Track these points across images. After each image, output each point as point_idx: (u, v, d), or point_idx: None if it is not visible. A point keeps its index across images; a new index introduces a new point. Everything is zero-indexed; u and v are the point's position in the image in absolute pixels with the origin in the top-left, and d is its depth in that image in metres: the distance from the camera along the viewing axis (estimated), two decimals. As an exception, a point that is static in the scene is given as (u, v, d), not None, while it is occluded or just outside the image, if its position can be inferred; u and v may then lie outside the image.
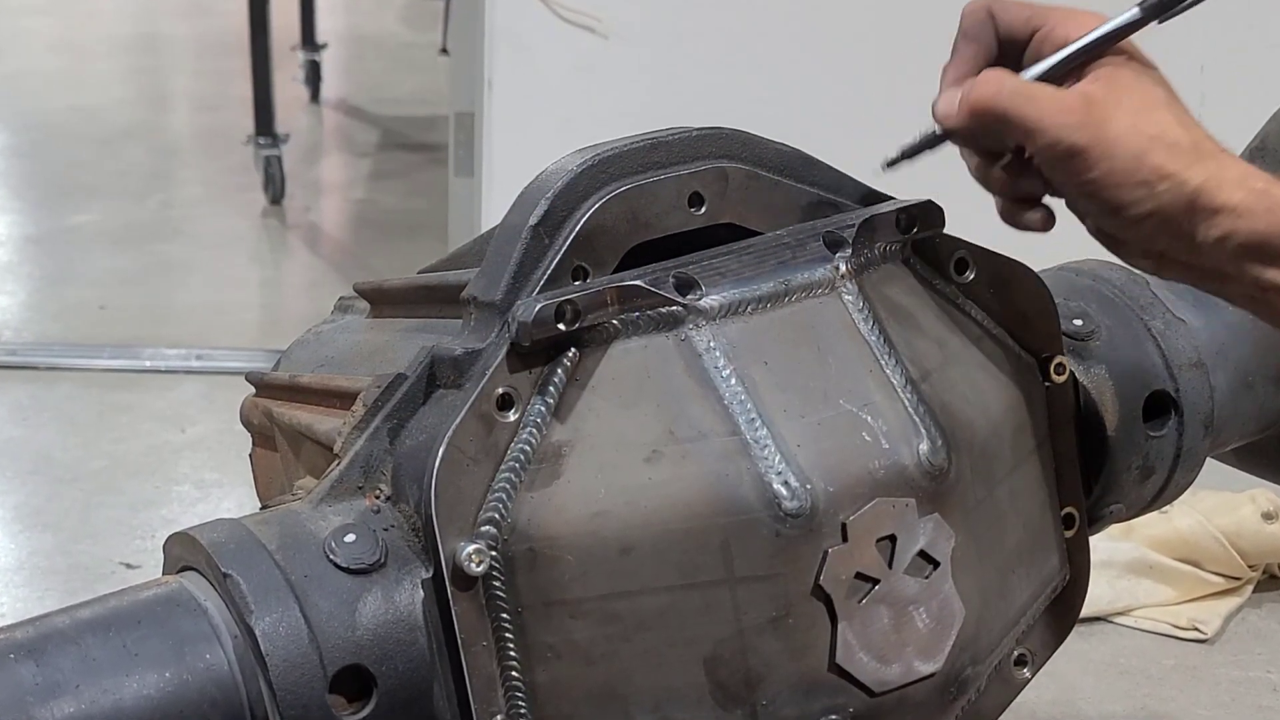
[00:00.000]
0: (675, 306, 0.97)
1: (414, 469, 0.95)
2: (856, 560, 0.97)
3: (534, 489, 0.94)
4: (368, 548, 0.93)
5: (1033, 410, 1.10)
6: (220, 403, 3.26)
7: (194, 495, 2.96)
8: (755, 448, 0.95)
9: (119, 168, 5.04)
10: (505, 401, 0.95)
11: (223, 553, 0.93)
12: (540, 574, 0.93)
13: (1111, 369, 1.17)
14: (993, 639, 1.06)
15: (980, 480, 1.04)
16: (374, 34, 7.19)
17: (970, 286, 1.09)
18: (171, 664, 0.90)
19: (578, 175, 0.99)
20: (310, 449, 1.08)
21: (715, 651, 0.95)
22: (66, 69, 6.34)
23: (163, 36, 7.15)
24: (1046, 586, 1.12)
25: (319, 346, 1.23)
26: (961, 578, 1.01)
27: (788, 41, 2.78)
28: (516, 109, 2.79)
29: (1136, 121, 0.99)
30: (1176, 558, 2.57)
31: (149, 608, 0.93)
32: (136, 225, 4.47)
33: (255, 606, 0.91)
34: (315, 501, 0.97)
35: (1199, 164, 0.98)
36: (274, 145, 4.62)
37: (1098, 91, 1.00)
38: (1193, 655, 2.47)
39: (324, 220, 4.77)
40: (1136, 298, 1.22)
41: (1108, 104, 0.99)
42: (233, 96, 5.64)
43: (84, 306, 3.85)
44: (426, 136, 5.43)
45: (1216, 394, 1.21)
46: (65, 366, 3.49)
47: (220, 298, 3.96)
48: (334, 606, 0.92)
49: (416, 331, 1.12)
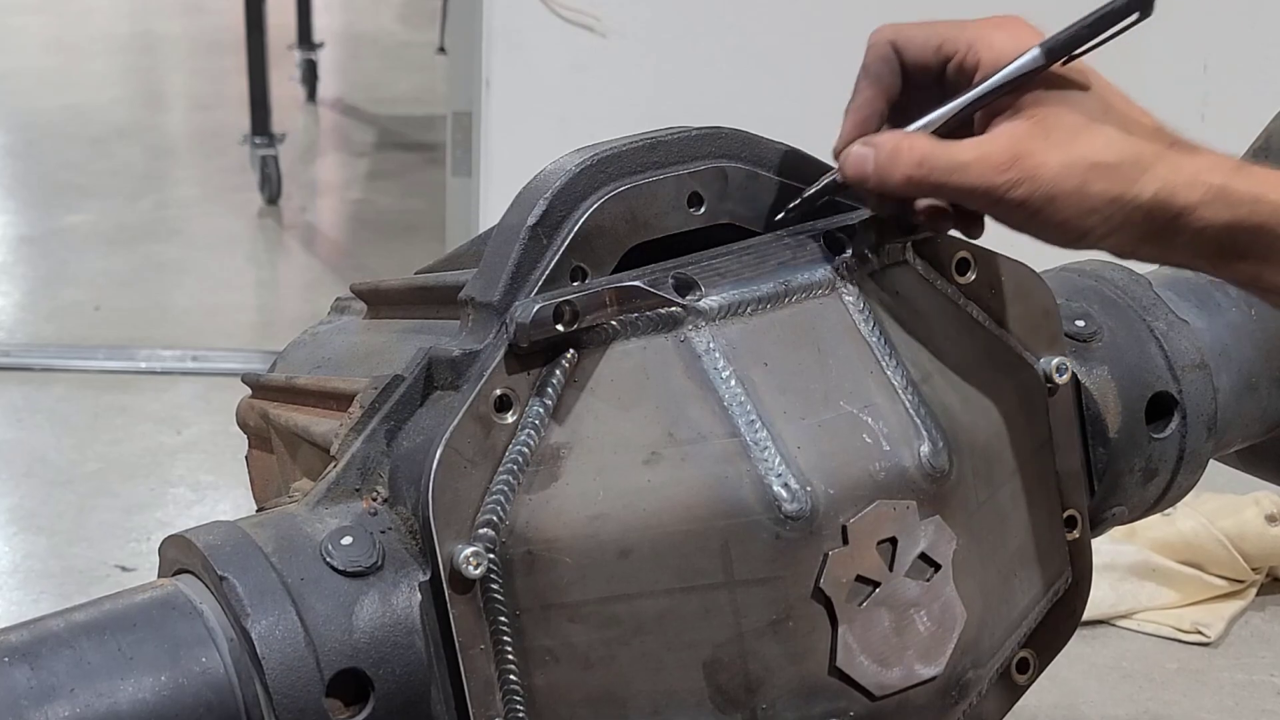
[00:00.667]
0: (674, 307, 0.97)
1: (411, 471, 0.95)
2: (857, 563, 0.97)
3: (532, 491, 0.94)
4: (365, 550, 0.93)
5: (1035, 412, 1.10)
6: (216, 404, 3.27)
7: (189, 498, 2.96)
8: (755, 450, 0.95)
9: (113, 167, 5.04)
10: (503, 403, 0.95)
11: (218, 555, 0.93)
12: (538, 577, 0.93)
13: (1114, 370, 1.17)
14: (995, 642, 1.06)
15: (982, 482, 1.04)
16: (371, 32, 7.19)
17: (972, 287, 1.09)
18: (167, 667, 0.90)
19: (576, 175, 0.99)
20: (307, 451, 1.08)
21: (715, 655, 0.95)
22: (60, 68, 6.34)
23: (157, 35, 7.15)
24: (1049, 589, 1.12)
25: (315, 348, 1.23)
26: (963, 580, 1.01)
27: (788, 39, 2.78)
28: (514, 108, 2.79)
29: (1070, 154, 0.96)
30: (1179, 560, 2.58)
31: (144, 611, 0.93)
32: (131, 225, 4.47)
33: (251, 609, 0.91)
34: (312, 504, 0.97)
35: (1148, 174, 0.96)
36: (270, 145, 4.63)
37: (1023, 134, 0.97)
38: (1196, 659, 2.47)
39: (320, 220, 4.78)
40: (1139, 298, 1.22)
41: (1035, 147, 0.96)
42: (228, 95, 5.64)
43: (78, 307, 3.85)
44: (424, 136, 5.44)
45: (1220, 395, 1.21)
46: (59, 368, 3.49)
47: (216, 299, 3.96)
48: (331, 609, 0.92)
49: (414, 333, 1.12)
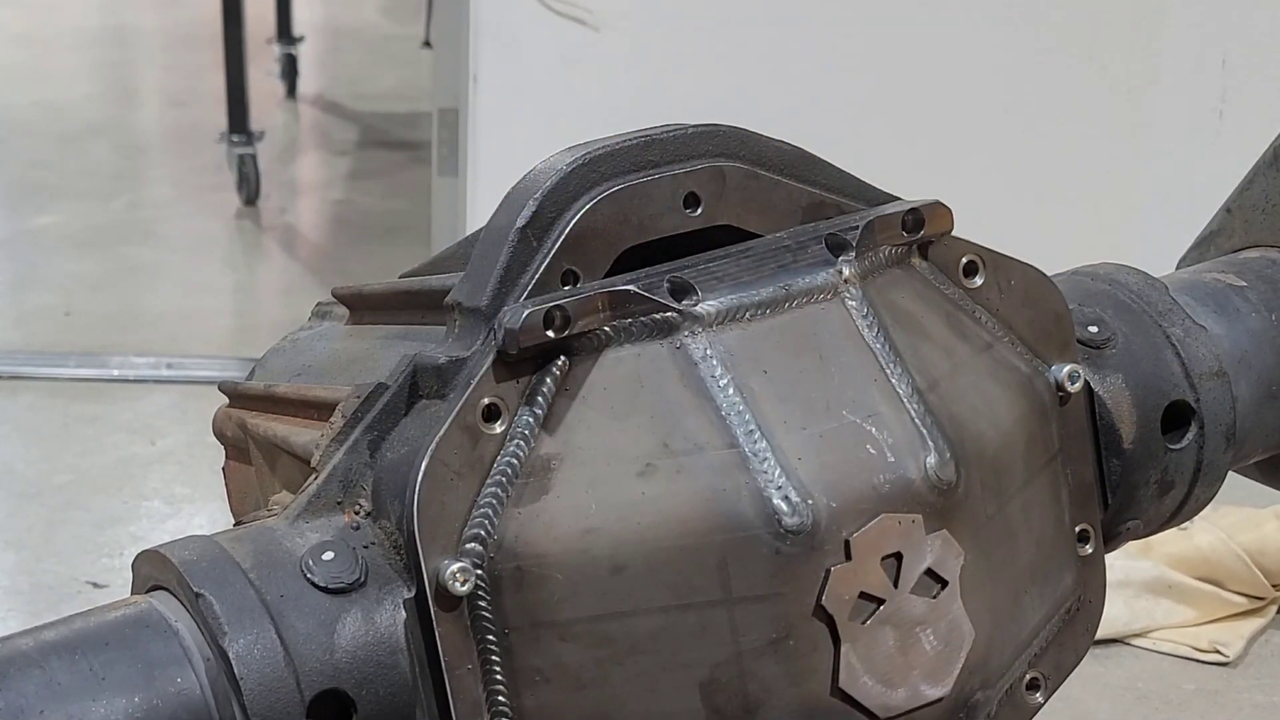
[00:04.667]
0: (670, 313, 0.97)
1: (395, 483, 0.95)
2: (860, 579, 0.97)
3: (521, 504, 0.94)
4: (347, 566, 0.93)
5: (1045, 421, 1.10)
6: (191, 414, 3.27)
7: (164, 511, 2.97)
8: (754, 461, 0.95)
9: (84, 166, 5.04)
10: (491, 412, 0.95)
11: (194, 571, 0.93)
12: (528, 594, 0.93)
13: (1128, 378, 1.17)
14: (1004, 662, 1.06)
15: (990, 495, 1.04)
16: (353, 26, 7.19)
17: (980, 291, 1.09)
18: (141, 688, 0.90)
19: (567, 175, 0.99)
20: (286, 462, 1.08)
21: (712, 675, 0.95)
22: (29, 62, 6.35)
23: (130, 28, 7.15)
24: (1060, 607, 1.12)
25: (295, 355, 1.23)
26: (971, 598, 1.01)
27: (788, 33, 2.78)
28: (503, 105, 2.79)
29: None
30: (1197, 576, 2.58)
31: (117, 629, 0.93)
32: (103, 227, 4.47)
33: (229, 628, 0.91)
34: (292, 518, 0.97)
35: None
36: (248, 143, 4.63)
37: None
38: (1214, 679, 2.48)
39: (300, 222, 4.78)
40: (1155, 303, 1.22)
41: None
42: (204, 91, 5.65)
43: (48, 313, 3.85)
44: (408, 134, 5.44)
45: (1239, 404, 1.22)
46: (28, 376, 3.50)
47: (191, 303, 3.97)
48: (311, 628, 0.92)
49: (398, 339, 1.12)
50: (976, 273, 1.10)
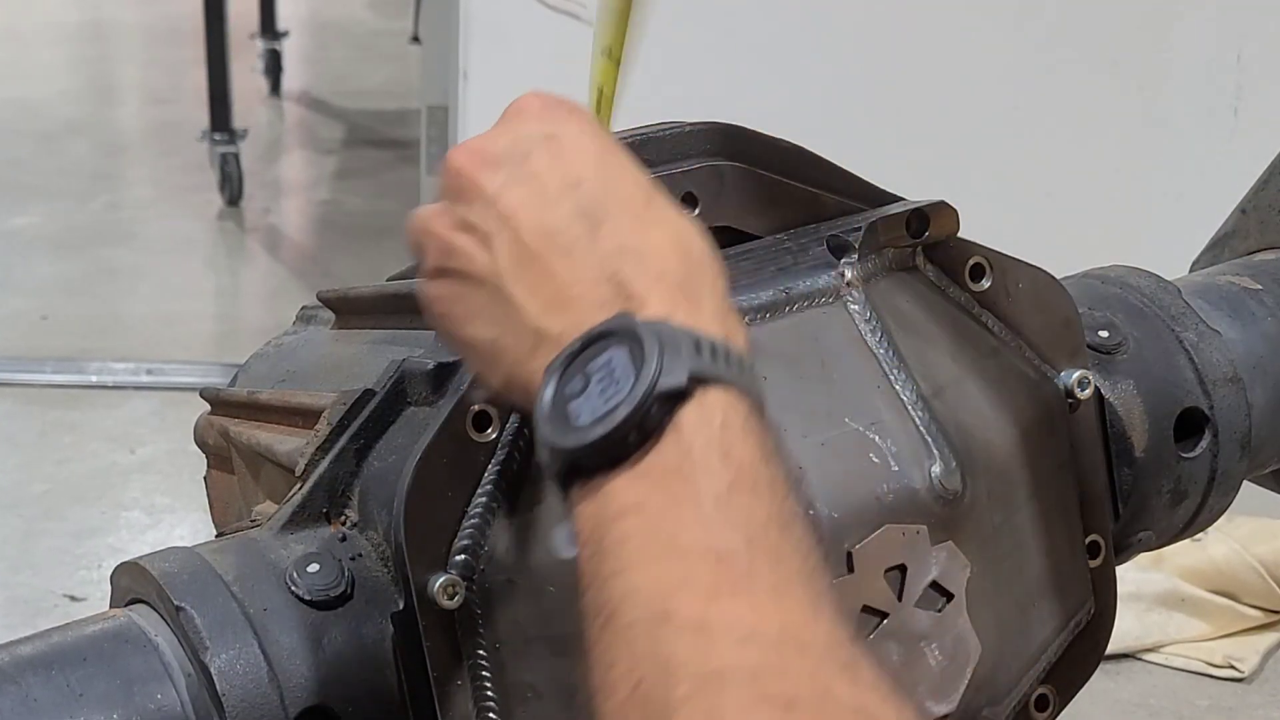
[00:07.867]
0: (667, 317, 0.97)
1: (382, 493, 0.95)
2: (864, 592, 0.97)
3: (513, 515, 0.94)
4: (333, 578, 0.93)
5: (1055, 429, 1.10)
6: (172, 421, 3.27)
7: (144, 521, 2.96)
8: (753, 470, 0.95)
9: (62, 166, 5.04)
10: (481, 420, 0.95)
11: (175, 584, 0.93)
12: (520, 607, 0.93)
13: (1140, 384, 1.18)
14: (1011, 678, 1.06)
15: (997, 505, 1.04)
16: (339, 21, 7.20)
17: (987, 295, 1.09)
18: (119, 704, 0.90)
19: (561, 174, 0.99)
20: (270, 471, 1.08)
21: (710, 691, 0.95)
22: (4, 58, 6.35)
23: (110, 23, 7.16)
24: (1069, 621, 1.12)
25: (280, 360, 1.23)
26: (977, 611, 1.01)
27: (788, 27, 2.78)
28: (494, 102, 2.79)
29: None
30: (1211, 589, 2.58)
31: (95, 644, 0.93)
32: (81, 228, 4.47)
33: (211, 642, 0.91)
34: (276, 528, 0.97)
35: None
36: (231, 142, 4.63)
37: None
38: (1228, 695, 2.48)
39: (285, 223, 4.78)
40: (1167, 307, 1.22)
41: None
42: (186, 88, 5.65)
43: (24, 317, 3.85)
44: (396, 132, 5.44)
45: (1254, 411, 1.22)
46: (3, 382, 3.49)
47: (172, 307, 3.96)
48: (296, 642, 0.92)
49: (385, 344, 1.12)
50: (984, 276, 1.10)
